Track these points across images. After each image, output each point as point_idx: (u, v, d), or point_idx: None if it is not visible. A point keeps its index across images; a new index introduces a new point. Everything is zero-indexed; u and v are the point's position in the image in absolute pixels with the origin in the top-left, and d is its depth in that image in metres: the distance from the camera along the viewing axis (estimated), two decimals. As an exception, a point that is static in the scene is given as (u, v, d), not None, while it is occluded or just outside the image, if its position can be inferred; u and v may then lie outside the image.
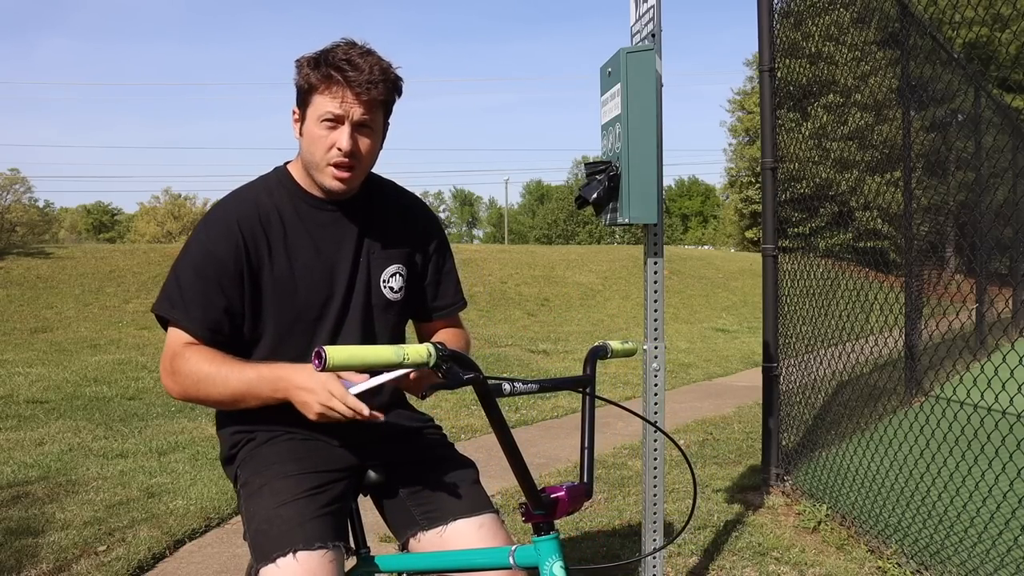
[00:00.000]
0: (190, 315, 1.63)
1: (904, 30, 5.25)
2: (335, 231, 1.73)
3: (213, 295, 1.63)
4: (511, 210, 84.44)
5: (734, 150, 45.85)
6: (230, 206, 1.70)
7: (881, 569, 3.08)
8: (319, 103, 1.61)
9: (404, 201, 1.87)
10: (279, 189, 1.73)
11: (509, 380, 1.38)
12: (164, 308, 1.66)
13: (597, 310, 15.31)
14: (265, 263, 1.68)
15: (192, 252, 1.67)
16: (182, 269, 1.66)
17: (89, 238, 73.57)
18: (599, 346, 1.70)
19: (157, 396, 6.95)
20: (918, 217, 5.84)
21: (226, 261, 1.64)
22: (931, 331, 5.95)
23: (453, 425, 5.89)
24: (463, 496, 1.74)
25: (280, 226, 1.69)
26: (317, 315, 1.71)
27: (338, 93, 1.59)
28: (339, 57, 1.59)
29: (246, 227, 1.66)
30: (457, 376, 1.28)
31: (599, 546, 3.38)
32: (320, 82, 1.60)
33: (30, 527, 3.57)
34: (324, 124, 1.61)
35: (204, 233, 1.67)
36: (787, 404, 4.33)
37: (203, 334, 1.63)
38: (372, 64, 1.60)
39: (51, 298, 12.27)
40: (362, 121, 1.62)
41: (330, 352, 1.19)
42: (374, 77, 1.59)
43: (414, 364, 1.25)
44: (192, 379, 1.60)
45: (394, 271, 1.80)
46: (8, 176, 30.30)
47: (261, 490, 1.62)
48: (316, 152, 1.64)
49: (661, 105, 2.41)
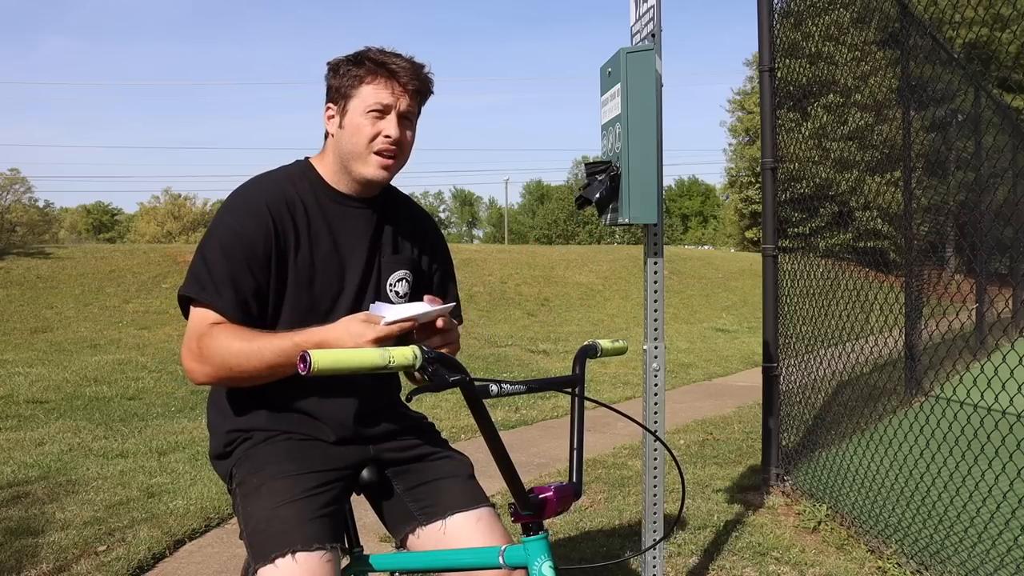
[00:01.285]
0: (222, 296, 1.60)
1: (904, 30, 5.25)
2: (353, 228, 1.75)
3: (243, 276, 1.62)
4: (511, 210, 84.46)
5: (734, 150, 45.87)
6: (256, 189, 1.70)
7: (881, 569, 3.08)
8: (366, 94, 1.67)
9: (417, 213, 1.92)
10: (302, 180, 1.74)
11: (496, 381, 1.37)
12: (194, 290, 1.62)
13: (597, 310, 15.30)
14: (291, 248, 1.68)
15: (219, 233, 1.64)
16: (209, 251, 1.63)
17: (89, 238, 73.56)
18: (588, 345, 1.70)
19: (157, 396, 6.95)
20: (918, 217, 5.84)
21: (256, 242, 1.63)
22: (931, 331, 5.95)
23: (453, 425, 5.89)
24: (460, 491, 1.75)
25: (304, 214, 1.70)
26: (329, 307, 1.71)
27: (385, 84, 1.66)
28: (381, 53, 1.68)
29: (275, 210, 1.66)
30: (443, 378, 1.28)
31: (599, 546, 3.38)
32: (368, 74, 1.67)
33: (30, 527, 3.57)
34: (371, 115, 1.66)
35: (231, 215, 1.66)
36: (787, 404, 4.33)
37: (235, 315, 1.60)
38: (412, 60, 1.70)
39: (51, 298, 12.26)
40: (407, 112, 1.69)
41: (315, 356, 1.19)
42: (418, 71, 1.69)
43: (400, 366, 1.25)
44: (222, 357, 1.56)
45: (401, 276, 1.81)
46: (8, 176, 30.36)
47: (259, 490, 1.62)
48: (360, 142, 1.68)
49: (661, 105, 2.41)
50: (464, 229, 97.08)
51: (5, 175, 30.26)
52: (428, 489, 1.75)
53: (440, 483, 1.76)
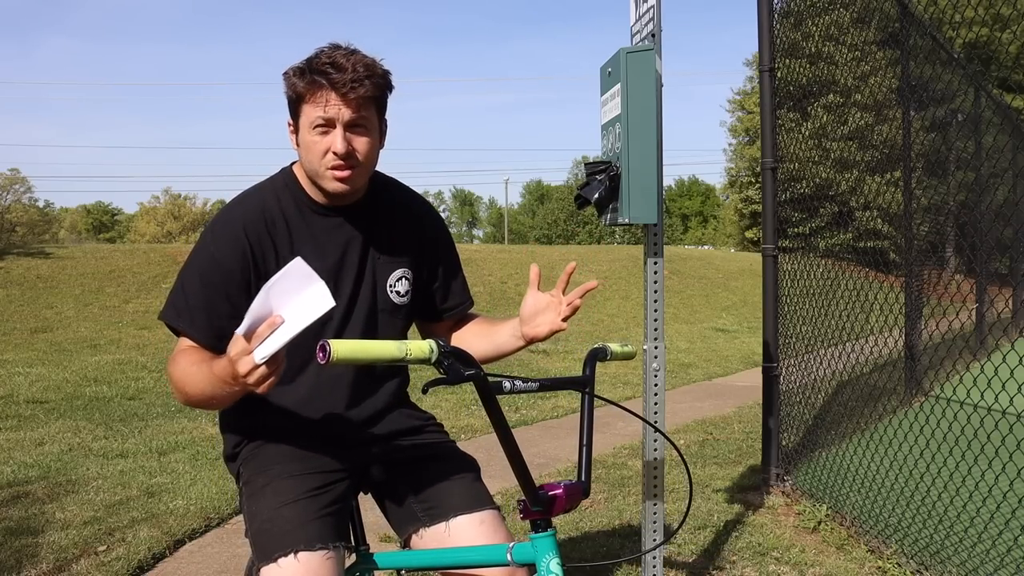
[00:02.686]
0: (195, 323, 1.63)
1: (904, 30, 5.24)
2: (340, 236, 1.73)
3: (218, 302, 1.63)
4: (511, 210, 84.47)
5: (734, 150, 45.86)
6: (236, 212, 1.69)
7: (881, 569, 3.08)
8: (308, 111, 1.60)
9: (408, 202, 1.87)
10: (285, 193, 1.72)
11: (510, 378, 1.39)
12: (170, 316, 1.66)
13: (597, 310, 15.30)
14: (272, 269, 1.66)
15: (199, 260, 1.66)
16: (187, 277, 1.66)
17: (89, 238, 73.55)
18: (599, 348, 1.71)
19: (157, 396, 6.95)
20: (918, 217, 5.84)
21: (233, 269, 1.63)
22: (931, 331, 5.95)
23: (453, 425, 5.89)
24: (464, 492, 1.75)
25: (286, 231, 1.69)
26: (322, 319, 1.71)
27: (324, 98, 1.57)
28: (322, 61, 1.58)
29: (252, 234, 1.65)
30: (458, 372, 1.29)
31: (599, 546, 3.38)
32: (306, 90, 1.59)
33: (30, 527, 3.57)
34: (317, 131, 1.60)
35: (211, 240, 1.67)
36: (787, 404, 4.33)
37: (208, 341, 1.61)
38: (356, 63, 1.58)
39: (51, 298, 12.27)
40: (353, 121, 1.60)
41: (334, 345, 1.20)
42: (358, 75, 1.57)
43: (416, 359, 1.26)
44: (179, 380, 1.59)
45: (400, 275, 1.80)
46: (8, 176, 30.30)
47: (264, 489, 1.63)
48: (314, 160, 1.63)
49: (661, 105, 2.40)
50: (464, 229, 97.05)
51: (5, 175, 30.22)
52: (432, 490, 1.75)
53: (445, 484, 1.76)
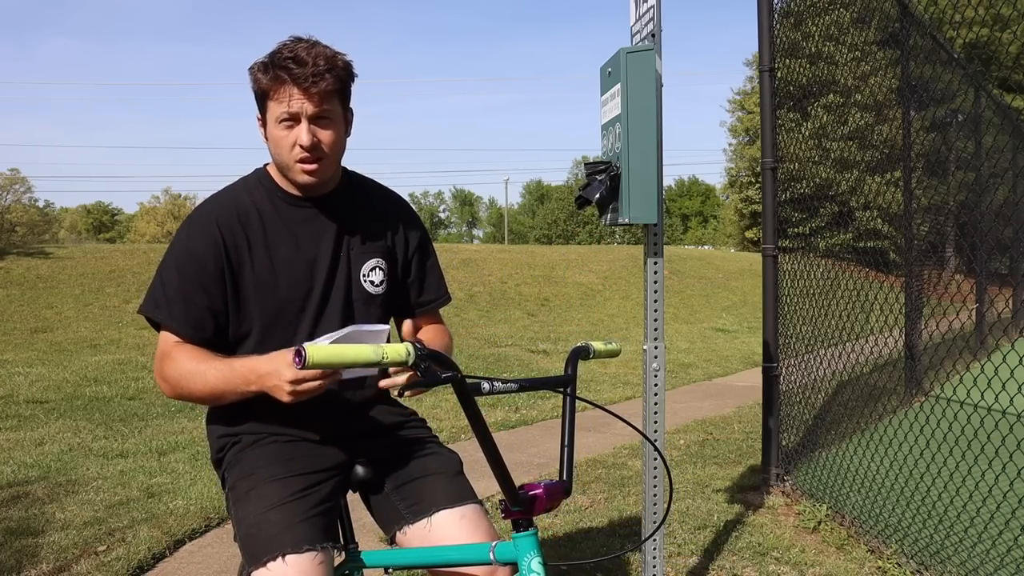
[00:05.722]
0: (173, 314, 1.67)
1: (904, 30, 5.25)
2: (315, 226, 1.77)
3: (195, 294, 1.67)
4: (511, 210, 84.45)
5: (734, 150, 45.83)
6: (209, 207, 1.74)
7: (881, 569, 3.08)
8: (273, 107, 1.65)
9: (383, 197, 1.91)
10: (258, 188, 1.77)
11: (488, 379, 1.39)
12: (149, 308, 1.71)
13: (597, 310, 15.30)
14: (246, 260, 1.71)
15: (174, 253, 1.71)
16: (165, 270, 1.71)
17: (89, 238, 73.55)
18: (581, 346, 1.72)
19: (157, 396, 6.95)
20: (918, 217, 5.84)
21: (206, 261, 1.68)
22: (931, 331, 5.95)
23: (453, 425, 5.88)
24: (445, 487, 1.76)
25: (259, 223, 1.73)
26: (299, 308, 1.74)
27: (288, 92, 1.62)
28: (284, 56, 1.62)
29: (225, 226, 1.70)
30: (435, 375, 1.29)
31: (599, 545, 3.38)
32: (270, 86, 1.63)
33: (30, 527, 3.57)
34: (283, 125, 1.65)
35: (185, 234, 1.71)
36: (787, 404, 4.33)
37: (187, 332, 1.67)
38: (317, 56, 1.62)
39: (51, 298, 12.27)
40: (317, 114, 1.64)
41: (310, 351, 1.20)
42: (319, 68, 1.61)
43: (393, 362, 1.27)
44: (177, 377, 1.64)
45: (374, 265, 1.82)
46: (8, 176, 30.29)
47: (249, 494, 1.64)
48: (282, 153, 1.68)
49: (661, 105, 2.41)
50: (464, 229, 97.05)
51: (5, 175, 30.20)
52: (414, 486, 1.76)
53: (426, 480, 1.77)
